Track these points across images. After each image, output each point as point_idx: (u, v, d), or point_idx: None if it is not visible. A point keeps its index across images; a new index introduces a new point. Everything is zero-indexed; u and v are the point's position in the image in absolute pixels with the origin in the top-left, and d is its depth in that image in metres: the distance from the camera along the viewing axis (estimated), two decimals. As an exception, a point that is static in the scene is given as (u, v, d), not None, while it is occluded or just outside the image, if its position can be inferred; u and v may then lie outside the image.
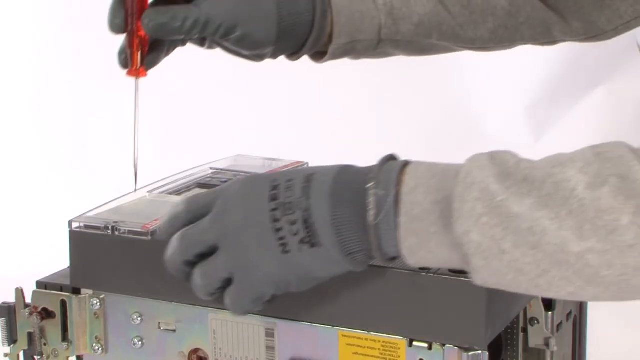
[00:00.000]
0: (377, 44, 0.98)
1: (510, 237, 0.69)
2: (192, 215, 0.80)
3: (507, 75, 2.41)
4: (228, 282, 0.78)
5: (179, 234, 0.80)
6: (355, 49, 0.98)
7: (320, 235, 0.74)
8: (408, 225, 0.72)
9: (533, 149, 2.32)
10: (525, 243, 0.69)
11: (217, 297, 0.80)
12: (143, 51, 0.90)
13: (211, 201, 0.79)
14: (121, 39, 0.91)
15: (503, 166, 0.70)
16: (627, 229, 0.67)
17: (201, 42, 0.94)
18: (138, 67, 0.91)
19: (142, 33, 0.89)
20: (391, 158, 0.76)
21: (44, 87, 2.34)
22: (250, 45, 0.92)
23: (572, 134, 2.36)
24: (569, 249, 0.68)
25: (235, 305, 0.79)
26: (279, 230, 0.75)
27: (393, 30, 0.97)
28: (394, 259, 0.75)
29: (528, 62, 2.32)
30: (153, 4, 0.90)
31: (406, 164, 0.75)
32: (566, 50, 2.21)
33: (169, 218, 0.82)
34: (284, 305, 0.84)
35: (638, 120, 2.36)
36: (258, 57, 0.95)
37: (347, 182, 0.75)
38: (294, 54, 0.97)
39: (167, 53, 0.93)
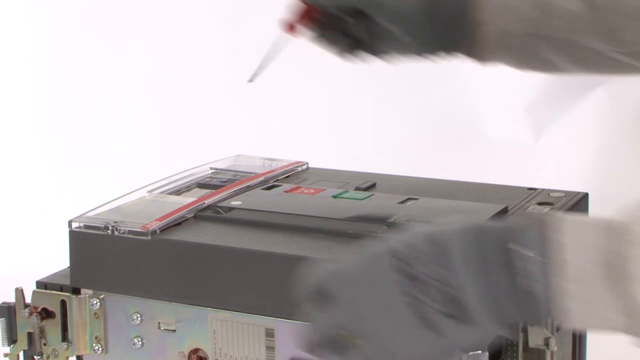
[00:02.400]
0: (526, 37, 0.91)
1: None
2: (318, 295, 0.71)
3: (507, 75, 2.41)
4: None
5: (310, 326, 0.71)
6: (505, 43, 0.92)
7: (471, 310, 0.66)
8: (569, 289, 0.64)
9: (533, 149, 2.33)
10: None
11: None
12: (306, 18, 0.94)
13: (331, 283, 0.70)
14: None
15: None
16: None
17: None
18: (294, 24, 0.94)
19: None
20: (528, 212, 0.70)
21: (44, 87, 2.34)
22: (396, 18, 0.90)
23: (572, 134, 2.36)
24: None
25: None
26: (415, 306, 0.66)
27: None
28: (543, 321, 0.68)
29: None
30: None
31: (548, 219, 0.67)
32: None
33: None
34: (284, 305, 0.84)
35: (638, 120, 2.36)
36: (408, 48, 0.92)
37: (486, 245, 0.66)
38: (446, 48, 0.93)
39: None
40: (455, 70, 2.41)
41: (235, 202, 0.96)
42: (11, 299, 0.92)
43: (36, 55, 2.34)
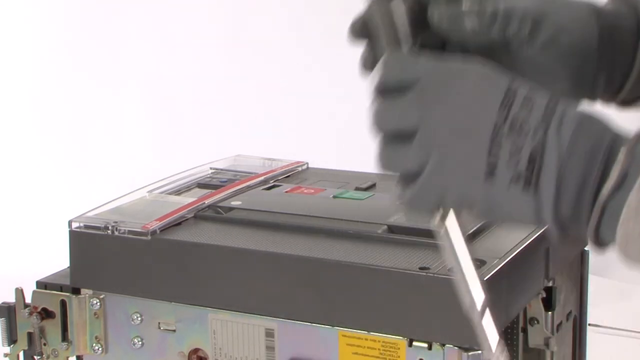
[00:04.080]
0: None
1: None
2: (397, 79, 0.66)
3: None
4: (412, 176, 0.65)
5: (378, 103, 0.67)
6: None
7: (543, 180, 0.61)
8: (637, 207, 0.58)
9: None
10: None
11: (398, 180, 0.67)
12: None
13: (431, 72, 0.65)
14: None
15: None
16: None
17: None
18: None
19: None
20: None
21: (44, 87, 2.34)
22: (565, 52, 0.70)
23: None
24: None
25: (410, 202, 0.66)
26: (495, 148, 0.62)
27: None
28: (603, 246, 0.62)
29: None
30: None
31: None
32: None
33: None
34: (284, 305, 0.84)
35: (638, 120, 2.36)
36: (554, 81, 0.71)
37: (595, 135, 0.61)
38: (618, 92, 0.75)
39: None
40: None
41: (235, 202, 0.96)
42: (11, 299, 0.92)
43: (35, 55, 2.34)
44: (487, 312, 0.68)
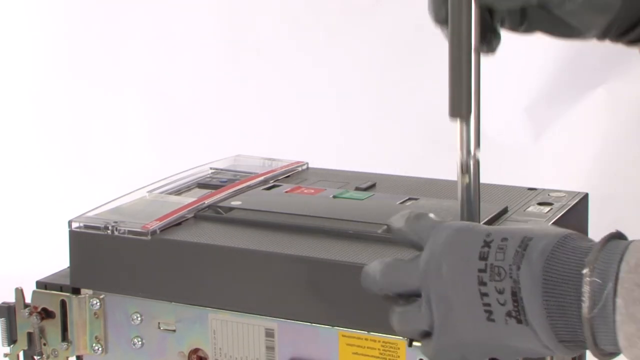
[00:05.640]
0: None
1: None
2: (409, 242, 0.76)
3: (507, 75, 2.41)
4: (426, 333, 0.73)
5: (383, 264, 0.74)
6: None
7: (529, 314, 0.67)
8: (626, 310, 0.63)
9: (533, 149, 2.33)
10: None
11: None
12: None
13: (425, 237, 0.73)
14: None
15: None
16: None
17: (521, 19, 0.80)
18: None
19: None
20: (615, 237, 0.68)
21: (44, 87, 2.34)
22: (594, 10, 0.77)
23: (571, 134, 2.36)
24: None
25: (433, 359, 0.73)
26: (485, 295, 0.68)
27: None
28: (611, 354, 0.67)
29: (528, 62, 2.32)
30: None
31: (630, 243, 0.66)
32: (566, 50, 2.21)
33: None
34: (284, 305, 0.84)
35: (638, 120, 2.36)
36: (586, 32, 0.80)
37: (564, 260, 0.67)
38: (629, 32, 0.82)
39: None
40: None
41: (235, 202, 0.96)
42: (11, 299, 0.92)
43: (35, 56, 2.34)
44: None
